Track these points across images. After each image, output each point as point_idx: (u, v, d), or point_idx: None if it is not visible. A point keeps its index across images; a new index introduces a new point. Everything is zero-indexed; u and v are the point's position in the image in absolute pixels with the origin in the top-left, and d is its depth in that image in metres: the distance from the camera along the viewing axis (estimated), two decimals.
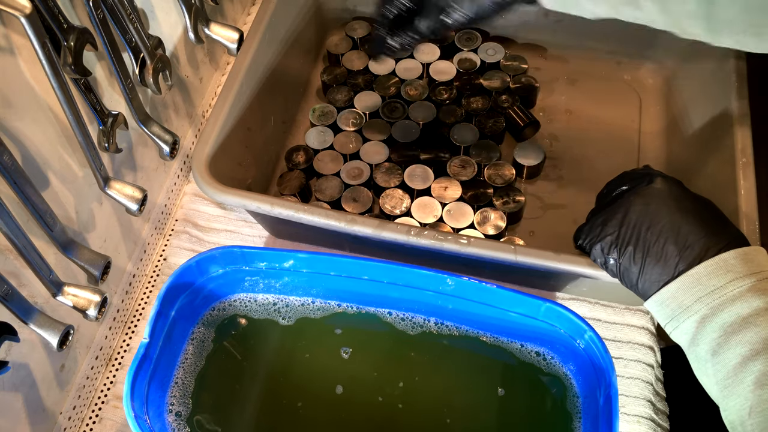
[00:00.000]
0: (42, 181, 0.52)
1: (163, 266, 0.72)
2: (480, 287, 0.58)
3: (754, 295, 0.44)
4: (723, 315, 0.45)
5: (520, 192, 0.70)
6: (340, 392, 0.60)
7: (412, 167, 0.72)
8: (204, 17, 0.68)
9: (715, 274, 0.46)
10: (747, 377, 0.42)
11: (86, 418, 0.64)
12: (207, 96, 0.80)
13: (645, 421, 0.61)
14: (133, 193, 0.57)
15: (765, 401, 0.41)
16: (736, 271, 0.45)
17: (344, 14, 0.86)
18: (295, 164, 0.74)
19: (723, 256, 0.46)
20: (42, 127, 0.51)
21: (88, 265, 0.54)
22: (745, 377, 0.43)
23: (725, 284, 0.45)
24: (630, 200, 0.51)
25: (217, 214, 0.75)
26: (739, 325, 0.43)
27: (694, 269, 0.46)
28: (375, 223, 0.58)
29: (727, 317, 0.44)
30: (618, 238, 0.50)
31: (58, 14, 0.47)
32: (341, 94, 0.79)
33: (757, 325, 0.43)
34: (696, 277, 0.46)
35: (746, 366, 0.43)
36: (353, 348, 0.62)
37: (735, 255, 0.46)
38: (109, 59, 0.54)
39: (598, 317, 0.66)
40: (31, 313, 0.49)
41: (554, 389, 0.59)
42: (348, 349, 0.62)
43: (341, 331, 0.63)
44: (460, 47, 0.82)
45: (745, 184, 0.58)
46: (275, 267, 0.62)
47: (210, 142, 0.63)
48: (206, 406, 0.59)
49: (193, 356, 0.61)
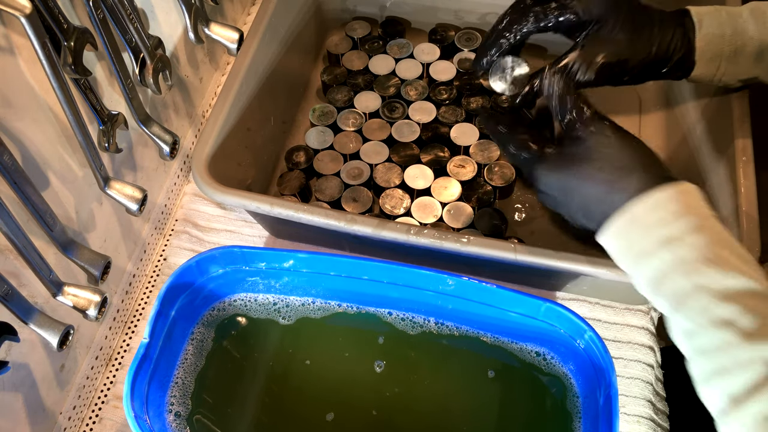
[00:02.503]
0: (42, 181, 0.52)
1: (163, 266, 0.72)
2: (480, 287, 0.58)
3: (668, 246, 0.45)
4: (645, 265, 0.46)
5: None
6: (340, 392, 0.60)
7: (412, 167, 0.72)
8: (204, 17, 0.68)
9: (650, 213, 0.46)
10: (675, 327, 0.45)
11: (86, 418, 0.64)
12: (207, 96, 0.80)
13: (645, 421, 0.61)
14: (133, 193, 0.57)
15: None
16: (649, 222, 0.45)
17: (344, 14, 0.87)
18: (295, 164, 0.74)
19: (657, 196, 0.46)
20: (42, 127, 0.51)
21: (88, 265, 0.54)
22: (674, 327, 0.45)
23: (640, 238, 0.45)
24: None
25: (217, 214, 0.75)
26: (660, 278, 0.45)
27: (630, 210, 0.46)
28: (375, 222, 0.58)
29: (649, 268, 0.46)
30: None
31: (58, 14, 0.47)
32: (341, 94, 0.79)
33: (671, 279, 0.44)
34: (632, 219, 0.47)
35: (671, 317, 0.45)
36: (353, 348, 0.62)
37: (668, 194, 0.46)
38: (109, 59, 0.54)
39: (598, 317, 0.66)
40: (31, 313, 0.49)
41: (554, 389, 0.59)
42: (348, 349, 0.62)
43: (341, 331, 0.63)
44: (460, 47, 0.82)
45: (746, 183, 0.58)
46: (275, 267, 0.62)
47: (210, 142, 0.63)
48: (206, 406, 0.59)
49: (193, 356, 0.61)
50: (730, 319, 0.41)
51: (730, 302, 0.42)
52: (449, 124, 0.75)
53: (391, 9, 0.85)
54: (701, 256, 0.43)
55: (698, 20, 0.54)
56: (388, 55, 0.81)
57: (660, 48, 0.54)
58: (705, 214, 0.45)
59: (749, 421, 0.40)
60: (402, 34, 0.84)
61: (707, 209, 0.46)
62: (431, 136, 0.75)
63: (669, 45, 0.54)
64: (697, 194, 0.46)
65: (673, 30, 0.54)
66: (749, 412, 0.40)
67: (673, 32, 0.54)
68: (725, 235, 0.45)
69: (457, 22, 0.84)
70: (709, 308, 0.42)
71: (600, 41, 0.53)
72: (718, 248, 0.43)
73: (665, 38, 0.54)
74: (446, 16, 0.84)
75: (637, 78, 0.56)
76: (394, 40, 0.83)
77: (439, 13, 0.83)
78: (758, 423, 0.39)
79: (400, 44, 0.82)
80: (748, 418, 0.40)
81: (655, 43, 0.54)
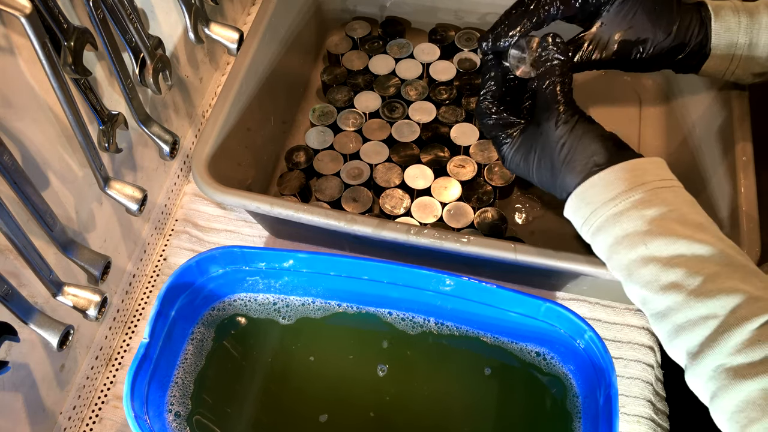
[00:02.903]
0: (42, 181, 0.52)
1: (163, 266, 0.72)
2: (480, 287, 0.58)
3: (614, 222, 0.47)
4: (597, 242, 0.49)
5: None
6: (340, 392, 0.60)
7: (412, 167, 0.72)
8: (204, 17, 0.68)
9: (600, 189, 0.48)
10: (632, 297, 0.48)
11: (86, 418, 0.64)
12: (207, 96, 0.80)
13: (645, 421, 0.61)
14: (133, 193, 0.57)
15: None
16: (594, 201, 0.48)
17: (344, 14, 0.87)
18: (295, 164, 0.74)
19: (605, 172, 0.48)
20: (42, 127, 0.51)
21: (88, 265, 0.54)
22: (632, 296, 0.48)
23: (589, 215, 0.48)
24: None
25: (217, 214, 0.75)
26: (609, 253, 0.48)
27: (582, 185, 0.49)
28: (375, 222, 0.58)
29: (601, 244, 0.48)
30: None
31: (58, 14, 0.47)
32: (341, 94, 0.79)
33: (618, 252, 0.47)
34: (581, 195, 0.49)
35: (627, 287, 0.48)
36: (353, 348, 0.62)
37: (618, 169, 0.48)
38: (109, 59, 0.54)
39: (598, 317, 0.66)
40: (31, 313, 0.49)
41: (554, 389, 0.59)
42: (348, 348, 0.62)
43: (341, 331, 0.63)
44: (460, 47, 0.82)
45: (746, 182, 0.58)
46: (275, 267, 0.62)
47: (210, 142, 0.63)
48: (206, 405, 0.59)
49: (193, 356, 0.61)
50: (676, 282, 0.44)
51: (676, 267, 0.44)
52: (449, 124, 0.75)
53: (391, 9, 0.85)
54: (646, 229, 0.45)
55: (714, 10, 0.54)
56: (388, 55, 0.81)
57: (679, 32, 0.54)
58: (655, 188, 0.47)
59: (705, 373, 0.42)
60: (402, 34, 0.84)
61: (660, 182, 0.47)
62: (431, 136, 0.75)
63: (687, 30, 0.54)
64: (653, 167, 0.48)
65: (690, 16, 0.54)
66: (704, 365, 0.42)
67: (691, 18, 0.54)
68: (668, 205, 0.46)
69: (457, 22, 0.84)
70: (657, 275, 0.45)
71: (619, 20, 0.54)
72: (658, 220, 0.46)
73: (684, 22, 0.54)
74: (446, 16, 0.84)
75: (650, 64, 0.56)
76: (394, 40, 0.83)
77: (439, 13, 0.83)
78: (713, 374, 0.42)
79: (400, 44, 0.82)
80: (703, 370, 0.42)
81: (674, 26, 0.54)
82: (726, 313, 0.42)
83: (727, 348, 0.41)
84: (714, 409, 0.42)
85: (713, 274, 0.43)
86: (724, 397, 0.41)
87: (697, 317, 0.43)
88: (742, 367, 0.40)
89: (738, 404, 0.40)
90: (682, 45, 0.55)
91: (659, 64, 0.56)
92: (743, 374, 0.40)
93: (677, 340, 0.44)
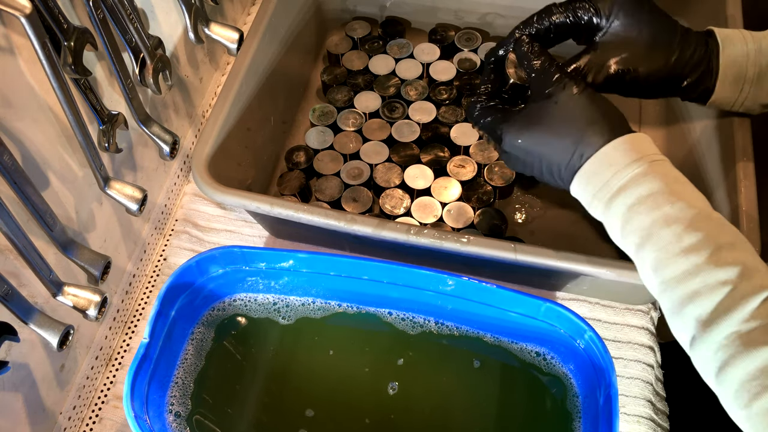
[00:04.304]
0: (42, 181, 0.52)
1: (163, 266, 0.72)
2: (480, 287, 0.58)
3: (636, 182, 0.47)
4: (615, 205, 0.47)
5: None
6: (340, 392, 0.60)
7: (412, 167, 0.72)
8: (204, 17, 0.68)
9: (600, 169, 0.48)
10: (643, 264, 0.47)
11: (86, 418, 0.64)
12: (207, 96, 0.80)
13: (645, 421, 0.61)
14: (133, 193, 0.57)
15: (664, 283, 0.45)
16: (618, 162, 0.47)
17: (344, 14, 0.87)
18: (295, 164, 0.74)
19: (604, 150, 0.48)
20: (42, 127, 0.51)
21: (88, 265, 0.54)
22: (642, 264, 0.47)
23: (610, 177, 0.47)
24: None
25: (217, 214, 0.75)
26: (628, 215, 0.47)
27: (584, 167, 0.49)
28: (375, 222, 0.58)
29: (619, 207, 0.47)
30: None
31: (58, 14, 0.47)
32: (341, 94, 0.79)
33: (639, 213, 0.46)
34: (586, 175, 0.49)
35: (639, 254, 0.47)
36: (353, 348, 0.62)
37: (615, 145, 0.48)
38: (109, 59, 0.54)
39: (598, 317, 0.66)
40: (31, 313, 0.49)
41: (554, 389, 0.59)
42: (348, 349, 0.62)
43: (341, 331, 0.63)
44: (460, 47, 0.82)
45: (746, 182, 0.58)
46: (275, 267, 0.62)
47: (210, 142, 0.63)
48: (206, 405, 0.59)
49: (193, 356, 0.61)
50: (697, 244, 0.43)
51: (698, 231, 0.44)
52: (449, 124, 0.75)
53: (391, 9, 0.85)
54: (671, 189, 0.45)
55: (722, 40, 0.53)
56: (388, 55, 0.81)
57: (678, 62, 0.53)
58: (660, 158, 0.47)
59: (716, 342, 0.42)
60: (402, 34, 0.84)
61: (660, 156, 0.48)
62: (431, 136, 0.75)
63: (688, 60, 0.53)
64: (652, 143, 0.49)
65: (694, 46, 0.53)
66: (716, 333, 0.42)
67: (695, 49, 0.53)
68: (681, 177, 0.47)
69: (457, 22, 0.84)
70: (679, 236, 0.44)
71: (615, 45, 0.53)
72: (679, 185, 0.46)
73: (685, 52, 0.53)
74: (446, 16, 0.84)
75: (650, 91, 0.55)
76: (394, 40, 0.83)
77: (439, 13, 0.83)
78: (725, 342, 0.41)
79: (400, 44, 0.82)
80: (715, 338, 0.42)
81: (673, 55, 0.53)
82: (741, 281, 0.42)
83: (741, 315, 0.41)
84: (721, 381, 0.42)
85: (730, 243, 0.43)
86: (737, 366, 0.40)
87: (715, 282, 0.42)
88: (756, 333, 0.40)
89: (750, 372, 0.40)
90: (680, 77, 0.54)
91: (658, 93, 0.55)
92: (758, 342, 0.40)
93: (689, 307, 0.43)
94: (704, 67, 0.53)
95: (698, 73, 0.54)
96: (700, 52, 0.53)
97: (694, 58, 0.53)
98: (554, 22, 0.54)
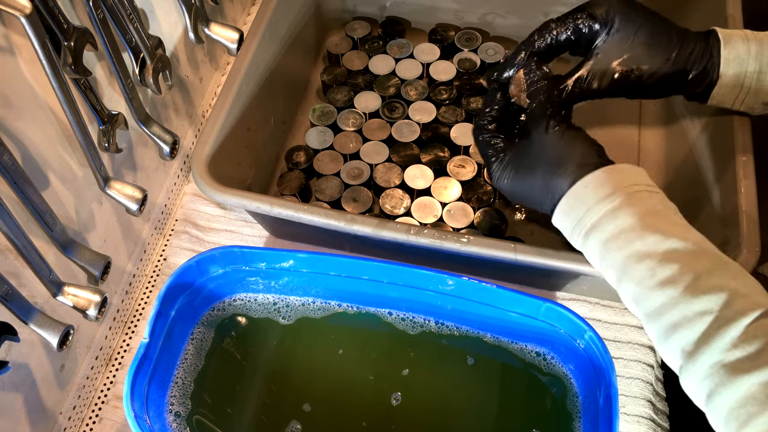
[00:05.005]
0: (42, 181, 0.52)
1: (163, 266, 0.72)
2: (480, 287, 0.58)
3: (608, 219, 0.47)
4: (591, 241, 0.49)
5: None
6: (340, 392, 0.60)
7: (412, 167, 0.72)
8: (204, 17, 0.68)
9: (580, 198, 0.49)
10: (625, 296, 0.48)
11: (86, 418, 0.64)
12: (207, 96, 0.80)
13: (645, 421, 0.61)
14: (133, 193, 0.57)
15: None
16: (588, 200, 0.48)
17: (344, 14, 0.87)
18: (295, 164, 0.74)
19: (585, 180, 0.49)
20: (42, 127, 0.51)
21: (88, 265, 0.54)
22: (624, 296, 0.48)
23: (583, 215, 0.49)
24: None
25: (217, 214, 0.75)
26: (603, 251, 0.48)
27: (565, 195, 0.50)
28: (375, 222, 0.58)
29: (595, 243, 0.49)
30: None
31: (58, 14, 0.47)
32: (341, 94, 0.79)
33: (612, 249, 0.47)
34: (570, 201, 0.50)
35: (619, 287, 0.48)
36: (353, 348, 0.62)
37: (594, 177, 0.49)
38: (109, 59, 0.54)
39: (598, 317, 0.66)
40: (31, 313, 0.49)
41: (554, 389, 0.59)
42: (348, 348, 0.62)
43: (341, 331, 0.63)
44: (460, 47, 0.82)
45: (746, 182, 0.58)
46: (275, 267, 0.62)
47: (210, 142, 0.63)
48: (206, 405, 0.59)
49: (193, 356, 0.61)
50: (672, 277, 0.44)
51: (671, 263, 0.44)
52: (449, 124, 0.75)
53: (391, 9, 0.85)
54: (641, 225, 0.46)
55: (723, 38, 0.54)
56: (388, 55, 0.81)
57: (680, 56, 0.54)
58: (645, 190, 0.48)
59: (701, 371, 0.42)
60: (402, 34, 0.84)
61: (647, 187, 0.48)
62: (431, 136, 0.75)
63: (689, 55, 0.54)
64: (637, 173, 0.49)
65: (694, 43, 0.54)
66: (700, 363, 0.42)
67: (695, 45, 0.54)
68: (657, 206, 0.47)
69: (457, 22, 0.84)
70: (652, 270, 0.45)
71: (614, 49, 0.54)
72: (651, 218, 0.46)
73: (685, 49, 0.54)
74: (446, 16, 0.84)
75: (653, 91, 0.56)
76: (394, 40, 0.83)
77: (439, 13, 0.84)
78: (710, 371, 0.41)
79: (400, 44, 0.82)
80: (700, 368, 0.42)
81: (674, 51, 0.53)
82: (720, 309, 0.42)
83: (723, 344, 0.41)
84: (711, 409, 0.42)
85: (706, 270, 0.43)
86: (723, 394, 0.41)
87: (693, 313, 0.42)
88: (739, 362, 0.40)
89: (737, 400, 0.40)
90: (684, 72, 0.54)
91: (663, 91, 0.56)
92: (741, 369, 0.40)
93: (672, 338, 0.44)
94: (707, 60, 0.54)
95: (702, 66, 0.54)
96: (700, 48, 0.54)
97: (695, 53, 0.54)
98: (555, 37, 0.55)
